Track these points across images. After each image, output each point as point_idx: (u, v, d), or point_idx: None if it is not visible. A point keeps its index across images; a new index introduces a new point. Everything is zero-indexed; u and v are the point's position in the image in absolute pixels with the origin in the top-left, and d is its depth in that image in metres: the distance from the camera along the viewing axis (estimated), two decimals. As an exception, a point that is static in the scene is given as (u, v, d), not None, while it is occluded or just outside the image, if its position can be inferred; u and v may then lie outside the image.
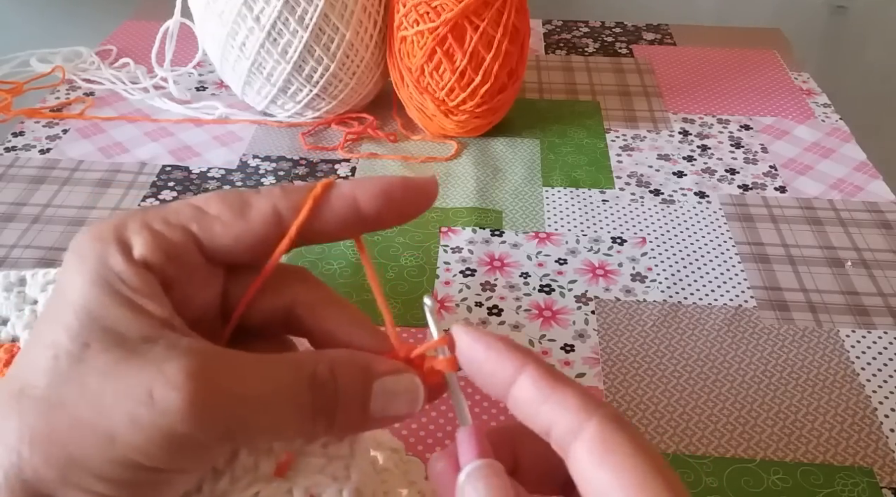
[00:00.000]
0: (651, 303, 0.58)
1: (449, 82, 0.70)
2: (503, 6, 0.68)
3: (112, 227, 0.23)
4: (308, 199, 0.24)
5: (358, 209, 0.24)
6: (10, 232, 0.64)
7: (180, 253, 0.23)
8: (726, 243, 0.64)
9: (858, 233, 0.65)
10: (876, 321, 0.57)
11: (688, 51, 0.94)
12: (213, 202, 0.24)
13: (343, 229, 0.24)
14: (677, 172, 0.73)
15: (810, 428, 0.49)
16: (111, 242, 0.22)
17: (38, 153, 0.74)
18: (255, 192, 0.24)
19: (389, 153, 0.74)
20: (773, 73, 0.89)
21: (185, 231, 0.23)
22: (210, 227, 0.23)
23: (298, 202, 0.24)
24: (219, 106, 0.80)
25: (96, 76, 0.85)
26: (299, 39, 0.70)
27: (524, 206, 0.68)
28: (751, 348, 0.54)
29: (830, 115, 0.82)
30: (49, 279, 0.52)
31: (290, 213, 0.24)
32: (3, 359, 0.47)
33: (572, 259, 0.62)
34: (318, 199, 0.24)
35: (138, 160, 0.73)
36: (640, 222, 0.66)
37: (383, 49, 0.75)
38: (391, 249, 0.62)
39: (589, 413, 0.22)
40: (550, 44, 0.96)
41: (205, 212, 0.24)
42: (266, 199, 0.24)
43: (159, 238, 0.23)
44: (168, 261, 0.23)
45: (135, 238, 0.23)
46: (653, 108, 0.83)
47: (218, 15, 0.71)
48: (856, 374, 0.52)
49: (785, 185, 0.71)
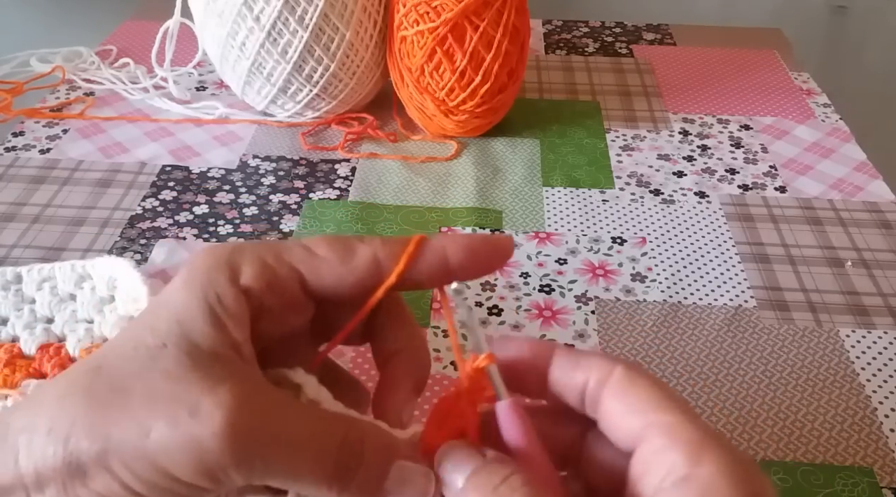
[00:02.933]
0: (651, 303, 0.58)
1: (449, 82, 0.70)
2: (503, 6, 0.68)
3: (228, 250, 0.26)
4: (405, 251, 0.27)
5: (446, 262, 0.27)
6: (10, 232, 0.64)
7: (283, 286, 0.26)
8: (726, 243, 0.64)
9: (858, 233, 0.65)
10: (876, 321, 0.56)
11: (688, 51, 0.94)
12: (322, 246, 0.27)
13: (431, 279, 0.28)
14: (677, 172, 0.73)
15: (810, 428, 0.49)
16: (223, 263, 0.25)
17: (38, 153, 0.74)
18: (359, 239, 0.27)
19: (389, 153, 0.74)
20: (773, 73, 0.89)
21: (293, 269, 0.26)
22: (317, 268, 0.26)
23: (396, 253, 0.27)
24: (219, 106, 0.80)
25: (96, 76, 0.85)
26: (299, 39, 0.70)
27: (524, 206, 0.68)
28: (751, 348, 0.54)
29: (830, 115, 0.82)
30: (44, 276, 0.53)
31: (388, 261, 0.27)
32: (3, 359, 0.47)
33: (572, 259, 0.62)
34: (413, 253, 0.27)
35: (138, 160, 0.73)
36: (640, 222, 0.66)
37: (383, 49, 0.75)
38: (391, 249, 0.62)
39: (614, 363, 0.26)
40: (550, 44, 0.96)
41: (314, 254, 0.26)
42: (369, 248, 0.27)
43: (268, 270, 0.26)
44: (269, 291, 0.26)
45: (245, 265, 0.25)
46: (653, 108, 0.83)
47: (218, 15, 0.71)
48: (856, 374, 0.52)
49: (785, 185, 0.71)
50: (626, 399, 0.25)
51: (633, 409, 0.24)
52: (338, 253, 0.27)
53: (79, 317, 0.50)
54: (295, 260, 0.26)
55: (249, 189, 0.70)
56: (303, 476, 0.23)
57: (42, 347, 0.48)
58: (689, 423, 0.23)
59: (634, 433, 0.24)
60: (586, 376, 0.26)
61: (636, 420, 0.24)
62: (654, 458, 0.23)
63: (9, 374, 0.46)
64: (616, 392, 0.25)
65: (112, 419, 0.22)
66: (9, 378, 0.46)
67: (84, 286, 0.51)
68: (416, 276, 0.27)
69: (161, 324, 0.24)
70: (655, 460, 0.23)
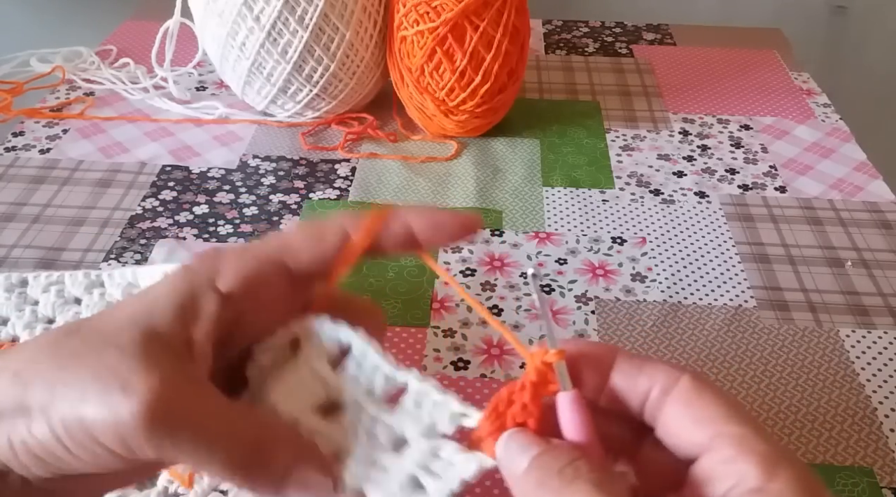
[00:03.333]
0: (651, 303, 0.58)
1: (449, 82, 0.70)
2: (503, 6, 0.68)
3: (215, 256, 0.29)
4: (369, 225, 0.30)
5: (412, 235, 0.30)
6: (10, 232, 0.64)
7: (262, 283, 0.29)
8: (726, 243, 0.64)
9: (858, 233, 0.65)
10: (876, 321, 0.57)
11: (688, 51, 0.94)
12: (296, 234, 0.30)
13: (397, 248, 0.30)
14: (677, 172, 0.73)
15: (810, 428, 0.49)
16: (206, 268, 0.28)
17: (38, 153, 0.74)
18: (329, 220, 0.30)
19: (389, 153, 0.74)
20: (773, 73, 0.89)
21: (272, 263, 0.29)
22: (295, 256, 0.29)
23: (364, 227, 0.30)
24: (219, 106, 0.80)
25: (96, 76, 0.85)
26: (299, 39, 0.70)
27: (524, 206, 0.68)
28: (751, 348, 0.54)
29: (830, 115, 0.82)
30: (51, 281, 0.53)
31: (356, 231, 0.30)
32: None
33: (572, 259, 0.62)
34: (375, 225, 0.30)
35: (138, 160, 0.73)
36: (640, 222, 0.66)
37: (383, 49, 0.75)
38: (391, 249, 0.62)
39: (680, 372, 0.26)
40: (550, 44, 0.96)
41: (288, 244, 0.29)
42: (338, 225, 0.30)
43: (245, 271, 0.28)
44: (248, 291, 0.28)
45: (226, 270, 0.28)
46: (653, 108, 0.83)
47: (218, 15, 0.71)
48: (856, 374, 0.52)
49: (785, 185, 0.71)
50: (692, 409, 0.25)
51: (700, 419, 0.25)
52: (312, 236, 0.30)
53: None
54: (273, 253, 0.29)
55: (249, 189, 0.70)
56: (210, 466, 0.26)
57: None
58: (760, 437, 0.24)
59: (700, 442, 0.25)
60: (650, 383, 0.26)
61: (703, 430, 0.25)
62: (722, 467, 0.24)
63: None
64: (682, 402, 0.25)
65: (63, 378, 0.25)
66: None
67: (94, 292, 0.51)
68: (383, 245, 0.30)
69: (138, 308, 0.27)
70: (724, 470, 0.24)
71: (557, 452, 0.25)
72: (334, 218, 0.30)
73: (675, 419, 0.25)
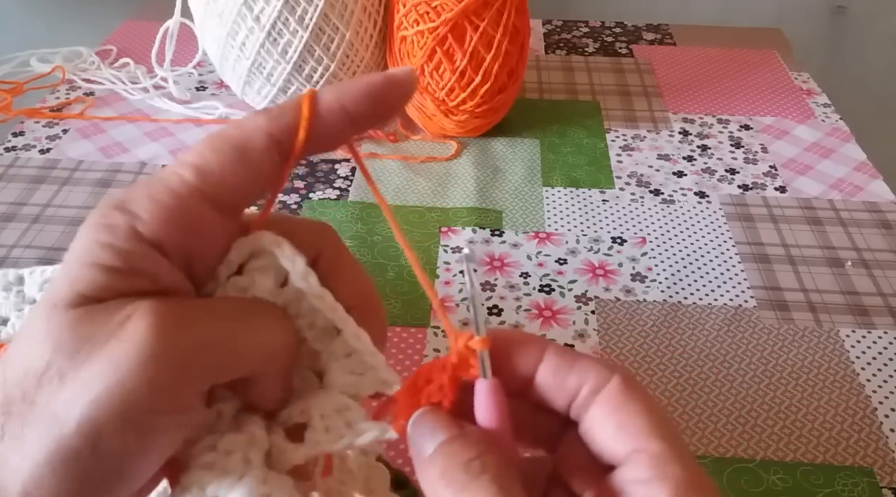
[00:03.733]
0: (651, 303, 0.58)
1: (449, 82, 0.70)
2: (503, 6, 0.68)
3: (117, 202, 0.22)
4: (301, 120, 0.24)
5: (347, 114, 0.24)
6: (10, 232, 0.64)
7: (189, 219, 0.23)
8: (726, 243, 0.64)
9: (858, 233, 0.65)
10: (876, 321, 0.57)
11: (688, 51, 0.94)
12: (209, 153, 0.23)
13: (337, 138, 0.25)
14: (677, 172, 0.73)
15: (810, 428, 0.49)
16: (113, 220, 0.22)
17: (38, 153, 0.74)
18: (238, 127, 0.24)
19: (389, 153, 0.74)
20: (773, 73, 0.89)
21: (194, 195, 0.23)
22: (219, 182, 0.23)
23: (290, 124, 0.24)
24: (219, 106, 0.80)
25: (96, 76, 0.85)
26: (299, 39, 0.70)
27: (524, 206, 0.68)
28: (751, 348, 0.54)
29: (830, 115, 0.82)
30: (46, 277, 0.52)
31: (285, 137, 0.24)
32: (3, 359, 0.47)
33: (572, 259, 0.62)
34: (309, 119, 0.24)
35: (138, 160, 0.73)
36: (640, 222, 0.66)
37: (383, 49, 0.75)
38: (391, 249, 0.62)
39: (610, 372, 0.25)
40: (550, 44, 0.96)
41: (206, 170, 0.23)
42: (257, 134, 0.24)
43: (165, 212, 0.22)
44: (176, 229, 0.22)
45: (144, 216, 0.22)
46: (653, 108, 0.83)
47: (218, 15, 0.71)
48: (856, 374, 0.52)
49: (785, 185, 0.71)
50: (617, 416, 0.24)
51: (622, 428, 0.24)
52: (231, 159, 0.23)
53: None
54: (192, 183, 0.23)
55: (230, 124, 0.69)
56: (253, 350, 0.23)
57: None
58: (678, 459, 0.23)
59: (619, 454, 0.24)
60: (580, 382, 0.25)
61: (623, 441, 0.24)
62: (635, 488, 0.23)
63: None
64: (608, 406, 0.24)
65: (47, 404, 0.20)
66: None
67: None
68: (319, 140, 0.24)
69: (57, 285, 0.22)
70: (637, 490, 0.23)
71: (466, 442, 0.24)
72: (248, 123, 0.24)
73: (598, 423, 0.25)
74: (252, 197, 0.25)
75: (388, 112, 0.25)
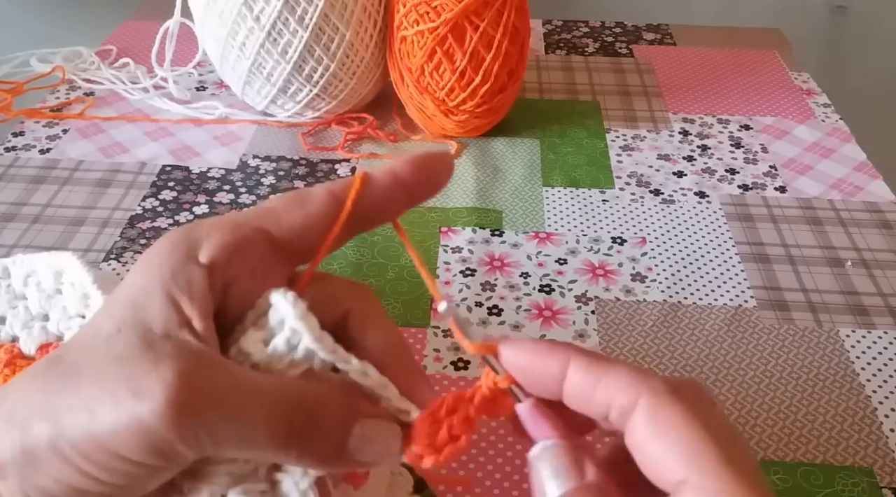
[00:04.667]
0: (651, 303, 0.58)
1: (449, 82, 0.70)
2: (503, 6, 0.68)
3: (185, 230, 0.26)
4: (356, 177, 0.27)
5: (396, 175, 0.27)
6: (10, 232, 0.64)
7: (249, 249, 0.26)
8: (726, 243, 0.64)
9: (858, 233, 0.65)
10: (876, 321, 0.57)
11: (688, 51, 0.94)
12: (275, 200, 0.27)
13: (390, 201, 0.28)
14: (677, 172, 0.73)
15: (810, 428, 0.49)
16: (179, 242, 0.25)
17: (38, 153, 0.74)
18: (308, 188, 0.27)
19: (389, 153, 0.74)
20: (773, 73, 0.89)
21: (253, 228, 0.26)
22: (277, 220, 0.26)
23: (346, 184, 0.27)
24: (219, 106, 0.80)
25: (96, 76, 0.85)
26: (299, 39, 0.70)
27: (524, 206, 0.68)
28: (751, 348, 0.54)
29: (830, 115, 0.82)
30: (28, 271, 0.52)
31: (343, 192, 0.27)
32: (4, 359, 0.47)
33: (572, 259, 0.62)
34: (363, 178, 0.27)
35: (138, 160, 0.73)
36: (640, 222, 0.66)
37: (383, 49, 0.75)
38: (391, 249, 0.62)
39: (639, 389, 0.23)
40: (550, 44, 0.96)
41: (269, 209, 0.27)
42: (320, 187, 0.27)
43: (228, 239, 0.25)
44: (232, 259, 0.25)
45: (204, 240, 0.25)
46: (653, 108, 0.83)
47: (218, 15, 0.71)
48: (856, 374, 0.52)
49: (785, 185, 0.71)
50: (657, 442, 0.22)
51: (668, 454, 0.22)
52: (293, 200, 0.27)
53: (70, 313, 0.49)
54: (252, 220, 0.26)
55: (249, 189, 0.70)
56: (256, 444, 0.23)
57: (42, 347, 0.48)
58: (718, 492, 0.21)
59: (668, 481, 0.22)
60: (607, 404, 0.23)
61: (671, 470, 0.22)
62: None
63: (9, 375, 0.46)
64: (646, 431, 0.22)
65: (62, 404, 0.22)
66: (9, 379, 0.46)
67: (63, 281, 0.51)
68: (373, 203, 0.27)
69: (117, 309, 0.24)
70: None
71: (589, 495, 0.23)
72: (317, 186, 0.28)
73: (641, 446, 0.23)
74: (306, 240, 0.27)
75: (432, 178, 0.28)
